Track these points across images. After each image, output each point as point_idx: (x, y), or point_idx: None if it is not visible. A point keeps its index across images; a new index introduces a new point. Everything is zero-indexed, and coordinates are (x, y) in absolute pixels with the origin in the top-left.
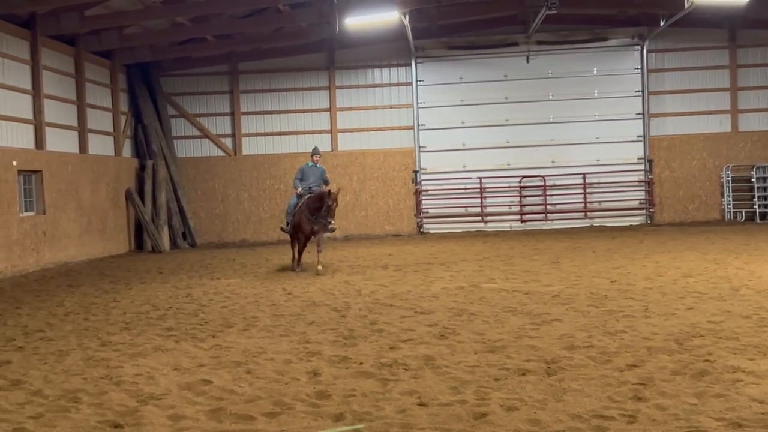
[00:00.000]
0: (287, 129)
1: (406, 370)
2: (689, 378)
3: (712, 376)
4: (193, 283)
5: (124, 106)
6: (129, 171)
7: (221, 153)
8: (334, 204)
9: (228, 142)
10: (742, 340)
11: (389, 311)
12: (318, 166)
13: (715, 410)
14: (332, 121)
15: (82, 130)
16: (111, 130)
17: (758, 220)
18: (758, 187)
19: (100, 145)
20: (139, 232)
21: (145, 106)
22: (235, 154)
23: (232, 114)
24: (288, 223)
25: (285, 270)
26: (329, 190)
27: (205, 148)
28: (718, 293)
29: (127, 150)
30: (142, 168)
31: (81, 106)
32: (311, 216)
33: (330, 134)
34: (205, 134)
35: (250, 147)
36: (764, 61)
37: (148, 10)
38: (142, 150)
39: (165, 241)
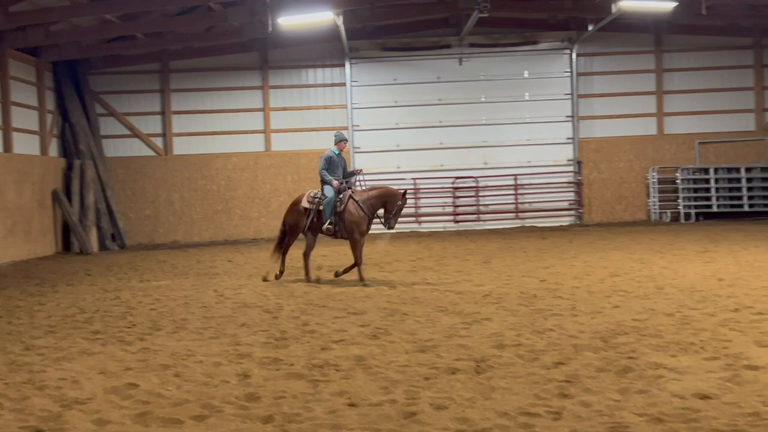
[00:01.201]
0: (220, 129)
1: (338, 370)
2: (613, 375)
3: (635, 372)
4: (121, 285)
5: (51, 104)
6: (56, 171)
7: (151, 153)
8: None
9: (158, 141)
10: (665, 337)
11: (322, 312)
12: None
13: (638, 406)
14: (266, 121)
15: (6, 129)
16: (37, 128)
17: (683, 221)
18: (683, 189)
19: (26, 145)
20: (66, 233)
21: (72, 104)
22: (166, 154)
23: (162, 113)
24: (332, 223)
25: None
26: (405, 190)
27: (135, 148)
28: (643, 292)
29: (53, 149)
30: (69, 168)
31: (5, 104)
32: (370, 214)
33: (263, 134)
34: (135, 134)
35: (181, 147)
36: (689, 65)
37: (75, 6)
38: (69, 149)
39: (93, 243)
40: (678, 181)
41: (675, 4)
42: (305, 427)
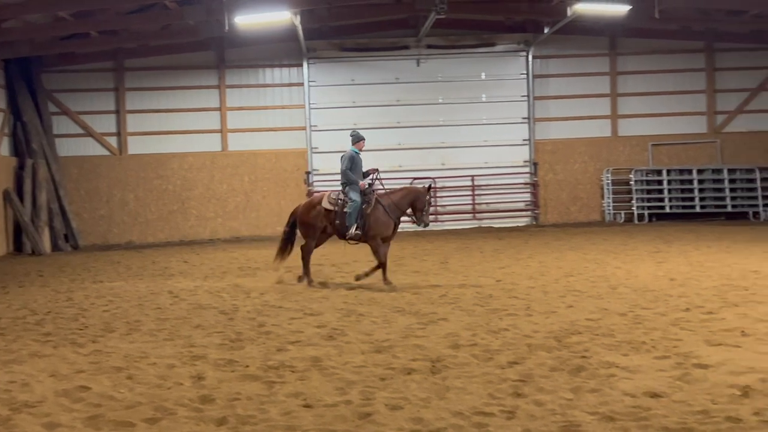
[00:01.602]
0: (175, 128)
1: (293, 372)
2: (566, 374)
3: (588, 371)
4: (74, 286)
5: (2, 102)
6: (7, 170)
7: (106, 152)
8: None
9: (113, 140)
10: (618, 336)
11: (278, 313)
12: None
13: (590, 405)
14: (222, 120)
15: None
16: None
17: (636, 221)
18: (636, 190)
19: None
20: (18, 233)
21: (25, 102)
22: (121, 154)
23: (117, 112)
24: (358, 227)
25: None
26: (429, 185)
27: (89, 147)
28: (597, 292)
29: (5, 148)
30: (21, 167)
31: None
32: (397, 218)
33: (220, 134)
34: (89, 133)
35: (136, 146)
36: (642, 68)
37: (28, 3)
38: (21, 148)
39: (46, 243)
40: (632, 183)
41: (629, 7)
42: (260, 429)
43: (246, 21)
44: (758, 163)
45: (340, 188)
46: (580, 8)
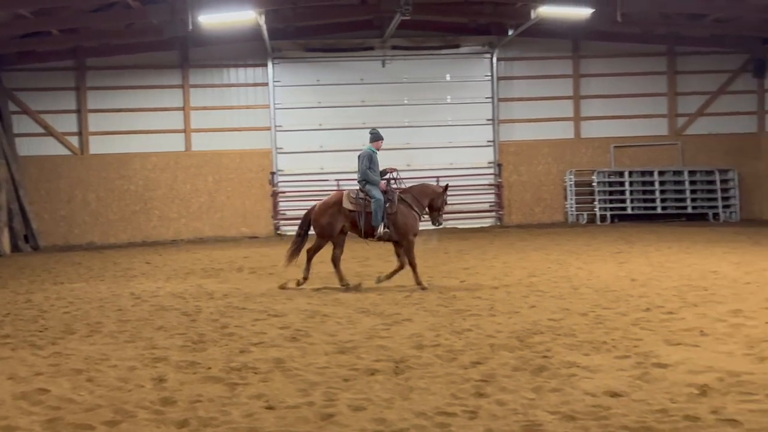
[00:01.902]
0: (138, 128)
1: (256, 373)
2: (528, 374)
3: (549, 371)
4: (34, 288)
5: None
6: None
7: (67, 152)
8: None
9: (74, 140)
10: (579, 336)
11: (241, 314)
12: None
13: (551, 404)
14: (186, 120)
15: None
16: None
17: (598, 222)
18: (598, 191)
19: None
20: None
21: None
22: (82, 153)
23: (78, 111)
24: (387, 226)
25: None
26: (447, 185)
27: (50, 147)
28: (559, 292)
29: None
30: None
31: None
32: (420, 214)
33: (184, 134)
34: (50, 132)
35: (98, 146)
36: (605, 71)
37: None
38: None
39: (5, 244)
40: (594, 184)
41: (592, 11)
42: (221, 431)
43: (210, 20)
44: (718, 165)
45: (357, 187)
46: (543, 11)
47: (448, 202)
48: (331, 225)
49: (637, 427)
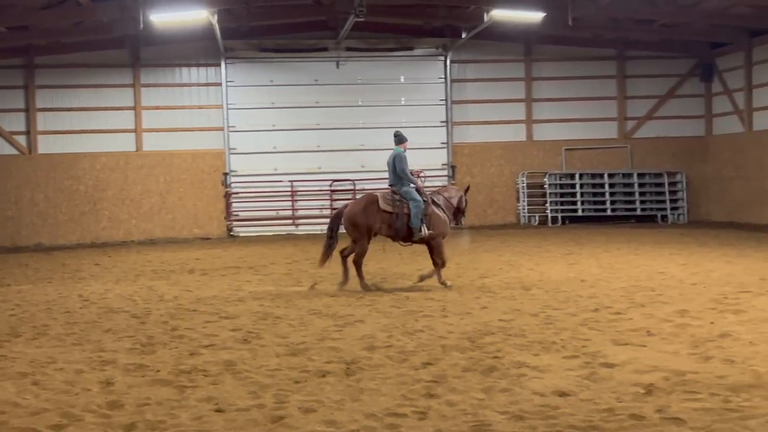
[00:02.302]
0: (88, 127)
1: (206, 376)
2: (479, 374)
3: (499, 371)
4: None
5: None
6: None
7: (14, 151)
8: None
9: (22, 139)
10: (529, 336)
11: (192, 316)
12: None
13: (500, 404)
14: (137, 120)
15: None
16: None
17: (550, 224)
18: (550, 193)
19: None
20: None
21: None
22: (30, 153)
23: (26, 110)
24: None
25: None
26: (468, 186)
27: None
28: (510, 293)
29: None
30: None
31: None
32: (450, 216)
33: (134, 134)
34: None
35: (47, 146)
36: (556, 74)
37: None
38: None
39: None
40: (546, 186)
41: (543, 15)
42: None
43: (162, 19)
44: (666, 167)
45: (387, 189)
46: (496, 14)
47: None
48: (369, 226)
49: (584, 426)
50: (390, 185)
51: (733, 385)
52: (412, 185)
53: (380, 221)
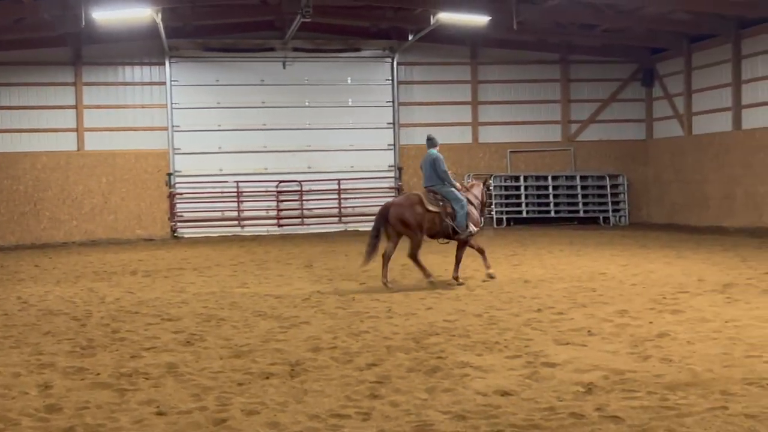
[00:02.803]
0: (28, 126)
1: (147, 379)
2: (422, 374)
3: (443, 372)
4: None
5: None
6: None
7: None
8: None
9: None
10: (473, 337)
11: (134, 319)
12: None
13: (443, 404)
14: (79, 119)
15: None
16: None
17: (495, 226)
18: (495, 195)
19: None
20: None
21: None
22: None
23: None
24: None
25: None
26: (485, 179)
27: None
28: (455, 293)
29: None
30: None
31: None
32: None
33: (76, 133)
34: None
35: None
36: (501, 77)
37: None
38: None
39: None
40: (491, 189)
41: (489, 18)
42: None
43: (104, 17)
44: (608, 170)
45: (423, 190)
46: (442, 17)
47: (353, 206)
48: (421, 225)
49: (525, 425)
50: (427, 186)
51: (670, 383)
52: (454, 186)
53: (427, 220)
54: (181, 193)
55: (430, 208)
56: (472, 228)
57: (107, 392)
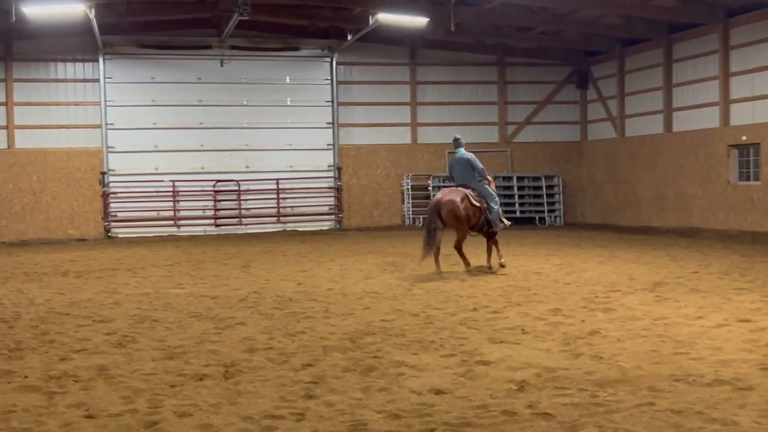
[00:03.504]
0: None
1: (77, 381)
2: (358, 374)
3: (378, 371)
4: None
5: None
6: None
7: None
8: None
9: None
10: (409, 336)
11: (64, 320)
12: None
13: (378, 403)
14: (9, 116)
15: None
16: None
17: None
18: (434, 195)
19: None
20: None
21: None
22: None
23: None
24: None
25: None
26: (494, 178)
27: None
28: (393, 293)
29: None
30: None
31: None
32: None
33: (6, 131)
34: None
35: None
36: (440, 79)
37: None
38: None
39: None
40: (430, 188)
41: (427, 19)
42: None
43: (36, 12)
44: (544, 171)
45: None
46: (381, 18)
47: (292, 206)
48: (470, 219)
49: (458, 423)
50: (460, 184)
51: (600, 380)
52: (486, 182)
53: (472, 215)
54: (115, 193)
55: (475, 203)
56: (506, 222)
57: (35, 395)
